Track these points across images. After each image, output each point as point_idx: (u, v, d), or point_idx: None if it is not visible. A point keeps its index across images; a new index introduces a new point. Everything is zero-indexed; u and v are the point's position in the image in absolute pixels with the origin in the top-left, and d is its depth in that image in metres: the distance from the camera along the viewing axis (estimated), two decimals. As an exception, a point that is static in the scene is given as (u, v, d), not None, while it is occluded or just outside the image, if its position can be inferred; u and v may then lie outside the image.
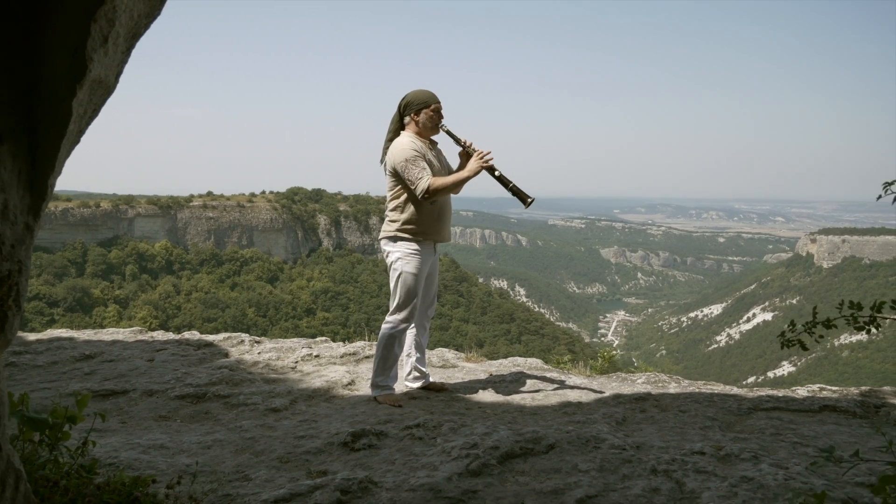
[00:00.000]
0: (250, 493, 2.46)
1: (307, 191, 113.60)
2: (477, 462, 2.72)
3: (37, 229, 1.92)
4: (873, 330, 1.77)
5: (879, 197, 1.61)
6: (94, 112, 1.94)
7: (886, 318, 1.77)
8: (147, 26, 1.95)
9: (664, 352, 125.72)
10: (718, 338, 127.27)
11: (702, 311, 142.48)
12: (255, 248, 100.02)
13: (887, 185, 1.59)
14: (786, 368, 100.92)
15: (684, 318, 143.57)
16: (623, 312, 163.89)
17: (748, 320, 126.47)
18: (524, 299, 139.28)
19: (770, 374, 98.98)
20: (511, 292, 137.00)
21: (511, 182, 3.97)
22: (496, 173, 3.99)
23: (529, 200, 3.96)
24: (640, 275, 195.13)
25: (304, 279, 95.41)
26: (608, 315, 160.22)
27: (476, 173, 3.97)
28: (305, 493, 2.43)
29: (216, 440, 3.17)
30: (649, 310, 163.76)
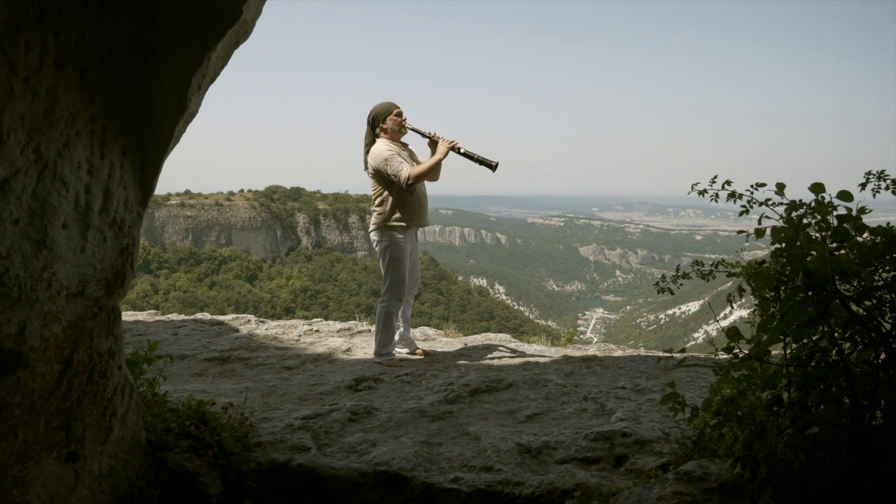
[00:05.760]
0: (283, 415, 3.30)
1: (286, 189, 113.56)
2: (453, 394, 3.60)
3: (143, 216, 2.74)
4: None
5: (689, 192, 2.46)
6: (183, 132, 2.75)
7: (721, 272, 2.64)
8: (219, 73, 2.76)
9: (643, 349, 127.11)
10: (696, 334, 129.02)
11: (679, 309, 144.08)
12: (233, 246, 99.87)
13: (694, 185, 2.43)
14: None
15: (662, 316, 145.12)
16: (602, 310, 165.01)
17: (725, 317, 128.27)
18: (503, 297, 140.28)
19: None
20: (490, 290, 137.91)
21: (475, 154, 4.79)
22: (461, 151, 4.81)
23: (495, 164, 4.74)
24: (618, 272, 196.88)
25: (283, 278, 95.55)
26: (587, 312, 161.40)
27: (445, 154, 4.83)
28: (325, 413, 3.28)
29: (245, 387, 3.99)
30: (628, 307, 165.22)
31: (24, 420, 2.22)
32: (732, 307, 2.51)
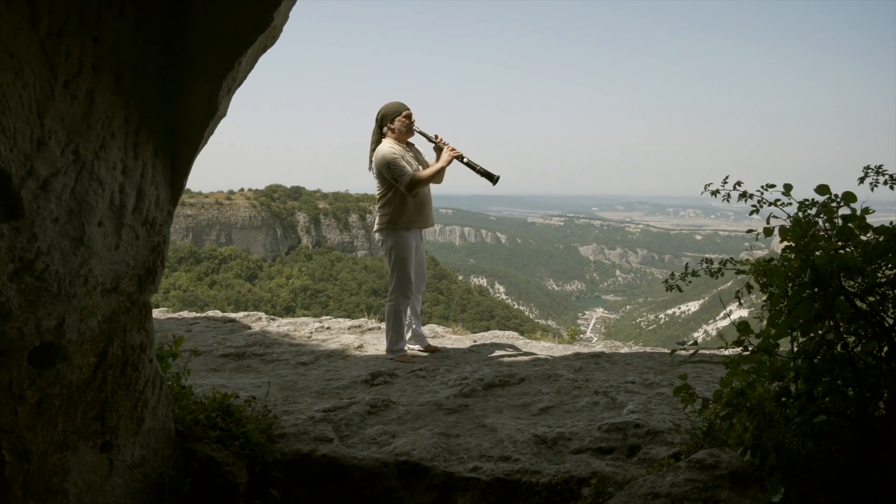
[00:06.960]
0: (304, 409, 3.40)
1: (286, 188, 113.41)
2: (467, 388, 3.71)
3: (174, 214, 2.84)
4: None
5: (702, 192, 2.56)
6: (212, 133, 2.85)
7: (730, 269, 2.74)
8: (247, 76, 2.86)
9: (646, 347, 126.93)
10: (696, 334, 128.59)
11: (679, 308, 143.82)
12: (233, 245, 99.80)
13: (707, 185, 2.54)
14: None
15: (662, 315, 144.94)
16: (602, 309, 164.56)
17: (725, 317, 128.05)
18: (503, 297, 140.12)
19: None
20: (490, 290, 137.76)
21: (478, 165, 4.85)
22: (464, 160, 4.87)
23: (496, 178, 4.83)
24: (618, 272, 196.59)
25: (283, 277, 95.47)
26: (587, 312, 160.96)
27: (449, 162, 4.89)
28: (345, 406, 3.39)
29: (263, 382, 4.09)
30: (627, 307, 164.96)
31: (62, 410, 2.33)
32: (741, 303, 2.61)
